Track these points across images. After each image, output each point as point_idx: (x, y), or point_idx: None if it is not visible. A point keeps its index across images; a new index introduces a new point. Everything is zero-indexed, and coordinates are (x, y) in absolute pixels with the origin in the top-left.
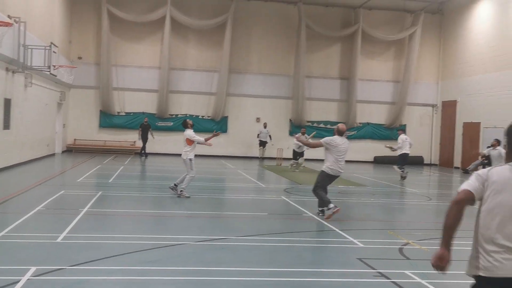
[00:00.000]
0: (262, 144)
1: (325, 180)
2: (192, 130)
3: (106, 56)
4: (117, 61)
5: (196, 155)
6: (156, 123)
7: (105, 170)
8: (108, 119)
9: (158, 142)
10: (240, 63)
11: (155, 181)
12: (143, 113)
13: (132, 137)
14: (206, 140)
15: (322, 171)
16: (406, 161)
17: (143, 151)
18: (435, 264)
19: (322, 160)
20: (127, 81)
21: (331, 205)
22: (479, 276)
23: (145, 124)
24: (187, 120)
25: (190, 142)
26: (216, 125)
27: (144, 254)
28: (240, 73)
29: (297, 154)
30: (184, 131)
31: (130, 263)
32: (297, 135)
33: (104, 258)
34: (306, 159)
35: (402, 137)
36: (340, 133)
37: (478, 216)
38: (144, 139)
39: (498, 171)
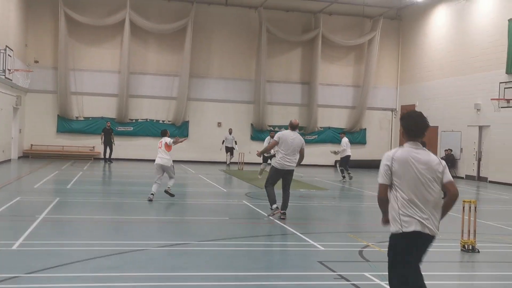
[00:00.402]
0: (229, 150)
1: (273, 175)
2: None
3: (64, 60)
4: (75, 65)
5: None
6: (116, 128)
7: (63, 176)
8: (66, 124)
9: (118, 147)
10: (201, 68)
11: (114, 186)
12: (103, 118)
13: (91, 142)
14: (175, 143)
15: (271, 166)
16: (348, 163)
17: (108, 157)
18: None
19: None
20: (86, 86)
21: (274, 206)
22: (400, 233)
23: (108, 129)
24: (166, 129)
25: (169, 148)
26: (177, 130)
27: (104, 260)
28: (201, 78)
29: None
30: (161, 138)
31: (89, 270)
32: (257, 153)
33: (62, 265)
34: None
35: (345, 140)
36: (293, 127)
37: (392, 189)
38: (107, 144)
39: (399, 153)
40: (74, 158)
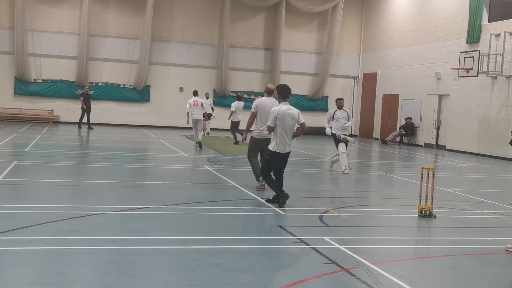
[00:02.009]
0: (206, 116)
1: (253, 145)
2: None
3: (21, 20)
4: (33, 26)
5: (116, 125)
6: (76, 91)
7: (21, 139)
8: (24, 87)
9: (77, 111)
10: (163, 31)
11: (73, 150)
12: (62, 80)
13: (50, 105)
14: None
15: (251, 137)
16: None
17: (86, 122)
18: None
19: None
20: (44, 47)
21: (257, 183)
22: (274, 152)
23: (86, 93)
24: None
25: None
26: (138, 94)
27: (62, 223)
28: (163, 41)
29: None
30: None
31: (47, 233)
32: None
33: (20, 228)
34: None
35: (235, 104)
36: (269, 92)
37: (275, 129)
38: (88, 108)
39: (281, 108)
40: (32, 121)
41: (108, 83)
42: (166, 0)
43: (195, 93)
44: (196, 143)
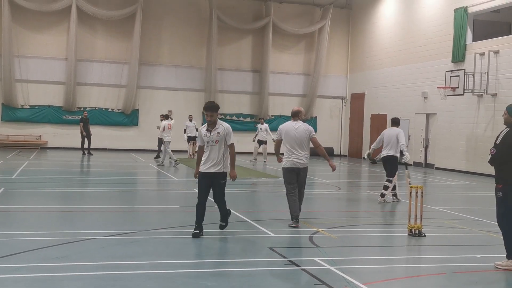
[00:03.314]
0: (192, 139)
1: (285, 176)
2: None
3: (8, 46)
4: (20, 52)
5: (104, 149)
6: (63, 117)
7: (9, 165)
8: (11, 113)
9: (65, 136)
10: (150, 55)
11: (61, 176)
12: (49, 106)
13: (37, 131)
14: None
15: (282, 169)
16: None
17: (87, 148)
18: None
19: None
20: (31, 73)
21: (292, 221)
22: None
23: (85, 118)
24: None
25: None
26: (126, 118)
27: (51, 250)
28: (151, 65)
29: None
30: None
31: (35, 260)
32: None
33: (8, 255)
34: None
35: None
36: (294, 115)
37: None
38: (87, 134)
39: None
40: (20, 147)
41: (96, 108)
42: (153, 24)
43: (167, 116)
44: (175, 161)
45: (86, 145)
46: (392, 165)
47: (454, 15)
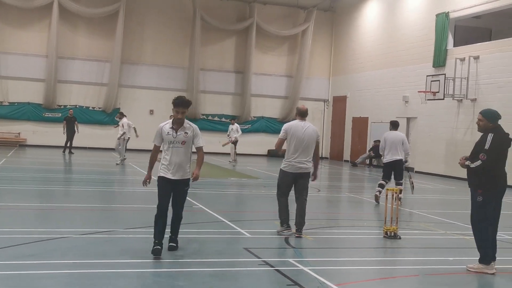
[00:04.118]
0: None
1: (282, 180)
2: None
3: None
4: (0, 48)
5: (84, 148)
6: (43, 114)
7: None
8: None
9: (45, 134)
10: (133, 54)
11: (39, 173)
12: (29, 103)
13: (16, 128)
14: None
15: (280, 170)
16: None
17: (67, 146)
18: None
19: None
20: (11, 69)
21: (284, 225)
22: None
23: (70, 117)
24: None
25: None
26: (107, 117)
27: (24, 248)
28: (133, 64)
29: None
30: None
31: (6, 258)
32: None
33: None
34: None
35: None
36: (302, 114)
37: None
38: (70, 133)
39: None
40: None
41: (77, 106)
42: (136, 22)
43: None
44: (122, 160)
45: (69, 144)
46: (400, 168)
47: (436, 20)
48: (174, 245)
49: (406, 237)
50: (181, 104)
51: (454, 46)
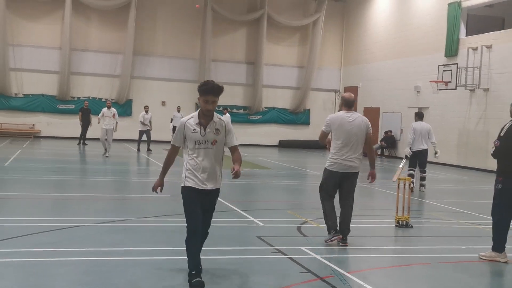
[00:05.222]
0: None
1: (327, 181)
2: None
3: (2, 34)
4: (14, 40)
5: (97, 139)
6: (57, 106)
7: (1, 153)
8: (4, 101)
9: (59, 125)
10: (145, 45)
11: (54, 164)
12: (43, 95)
13: (31, 120)
14: None
15: (324, 169)
16: None
17: (82, 138)
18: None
19: None
20: (25, 62)
21: (332, 231)
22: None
23: (86, 108)
24: None
25: None
26: (120, 108)
27: (42, 236)
28: (145, 56)
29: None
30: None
31: (25, 246)
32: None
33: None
34: None
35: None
36: (348, 104)
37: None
38: (85, 124)
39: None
40: (13, 136)
41: (90, 98)
42: (147, 14)
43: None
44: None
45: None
46: (425, 158)
47: (448, 10)
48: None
49: (417, 226)
50: (211, 91)
51: (466, 36)
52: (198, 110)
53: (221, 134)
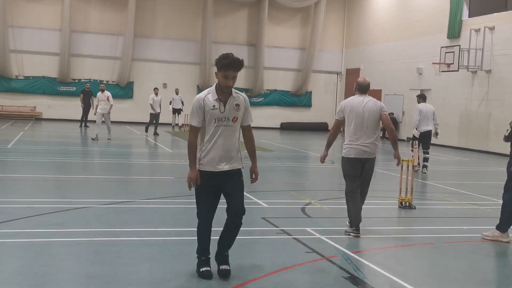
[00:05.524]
0: (176, 111)
1: (347, 170)
2: None
3: (2, 16)
4: (14, 22)
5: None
6: (58, 88)
7: (4, 135)
8: (5, 83)
9: (60, 107)
10: (145, 27)
11: (57, 146)
12: (44, 77)
13: (32, 102)
14: None
15: (342, 158)
16: None
17: (83, 120)
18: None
19: None
20: (25, 43)
21: (352, 228)
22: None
23: (87, 91)
24: None
25: None
26: (121, 90)
27: (47, 217)
28: (145, 37)
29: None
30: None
31: (32, 226)
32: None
33: (6, 221)
34: None
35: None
36: (362, 89)
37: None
38: (87, 106)
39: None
40: (15, 118)
41: (91, 79)
42: None
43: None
44: (96, 135)
45: (84, 118)
46: (429, 139)
47: None
48: (228, 268)
49: (420, 207)
50: (232, 66)
51: (469, 17)
52: (214, 85)
53: (241, 110)
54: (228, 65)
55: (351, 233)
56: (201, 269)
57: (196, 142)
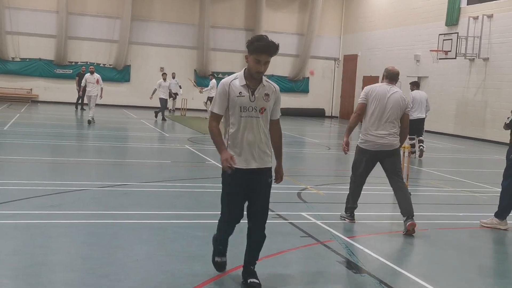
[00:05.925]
0: (173, 95)
1: (357, 160)
2: None
3: None
4: (10, 3)
5: (96, 104)
6: (55, 71)
7: (0, 117)
8: (1, 65)
9: (56, 90)
10: (143, 10)
11: (53, 129)
12: (40, 59)
13: (28, 84)
14: None
15: (356, 147)
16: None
17: (79, 103)
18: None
19: None
20: (22, 25)
21: (347, 214)
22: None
23: (82, 74)
24: None
25: None
26: (118, 74)
27: (44, 199)
28: (143, 21)
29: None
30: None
31: (29, 208)
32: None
33: (3, 203)
34: None
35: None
36: (391, 77)
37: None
38: (83, 89)
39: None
40: (11, 100)
41: (88, 62)
42: None
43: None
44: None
45: (80, 100)
46: (423, 125)
47: None
48: (257, 281)
49: (415, 194)
50: (266, 49)
51: (467, 4)
52: (243, 70)
53: (270, 100)
54: (262, 48)
55: (346, 218)
56: (216, 259)
57: (217, 130)
